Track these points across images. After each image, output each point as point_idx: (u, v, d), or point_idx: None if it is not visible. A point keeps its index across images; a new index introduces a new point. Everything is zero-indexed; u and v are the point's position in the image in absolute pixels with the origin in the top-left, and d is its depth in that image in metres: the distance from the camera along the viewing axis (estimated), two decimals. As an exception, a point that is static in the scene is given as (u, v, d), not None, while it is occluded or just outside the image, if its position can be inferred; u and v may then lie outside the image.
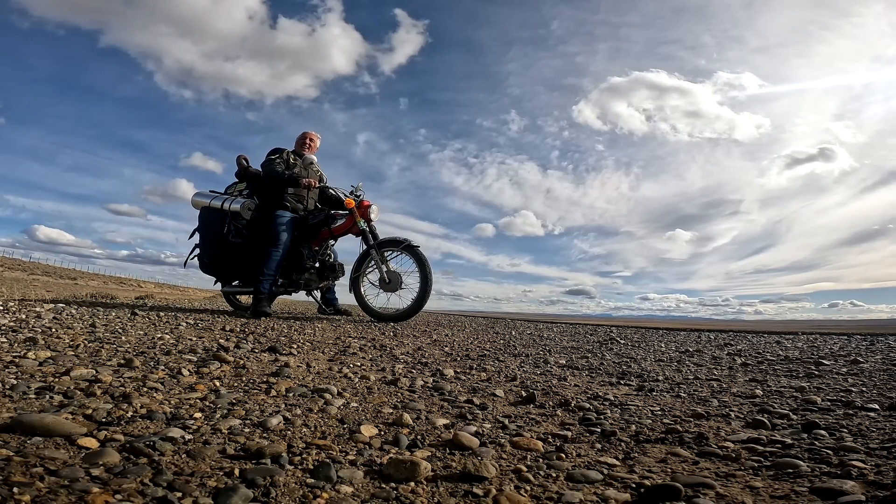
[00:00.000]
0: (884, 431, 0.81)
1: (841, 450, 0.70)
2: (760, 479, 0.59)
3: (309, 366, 1.28)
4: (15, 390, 0.75)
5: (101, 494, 0.42)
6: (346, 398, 0.93)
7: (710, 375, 1.53)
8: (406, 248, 3.64)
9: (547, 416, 0.90)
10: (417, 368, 1.40)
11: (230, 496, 0.44)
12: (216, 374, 1.05)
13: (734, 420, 0.91)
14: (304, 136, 4.05)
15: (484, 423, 0.82)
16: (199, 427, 0.65)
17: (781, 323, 19.42)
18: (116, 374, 0.94)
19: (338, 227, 3.84)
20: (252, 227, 3.69)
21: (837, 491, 0.53)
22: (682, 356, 2.14)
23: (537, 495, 0.52)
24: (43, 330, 1.60)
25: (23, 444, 0.53)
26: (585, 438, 0.76)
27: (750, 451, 0.71)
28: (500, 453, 0.66)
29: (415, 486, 0.52)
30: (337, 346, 1.82)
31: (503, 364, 1.62)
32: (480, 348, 2.14)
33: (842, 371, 1.64)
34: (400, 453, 0.62)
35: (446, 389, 1.08)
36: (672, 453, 0.69)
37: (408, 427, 0.75)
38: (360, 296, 3.80)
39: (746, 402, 1.09)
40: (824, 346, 2.88)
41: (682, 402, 1.09)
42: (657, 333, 4.19)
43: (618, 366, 1.72)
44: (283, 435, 0.66)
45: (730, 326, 6.74)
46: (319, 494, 0.48)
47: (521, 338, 3.02)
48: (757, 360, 2.02)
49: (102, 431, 0.60)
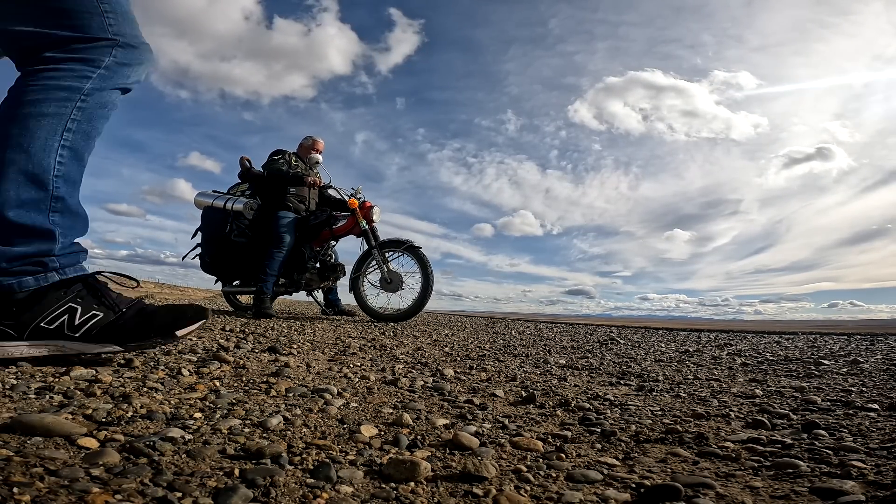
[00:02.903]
0: (884, 431, 0.81)
1: (841, 450, 0.70)
2: (760, 479, 0.59)
3: (309, 366, 1.28)
4: (15, 390, 0.75)
5: (101, 494, 0.42)
6: (346, 398, 0.93)
7: (710, 375, 1.53)
8: (408, 249, 3.66)
9: (547, 416, 0.90)
10: (417, 368, 1.40)
11: (230, 496, 0.44)
12: (216, 374, 1.05)
13: (734, 420, 0.91)
14: (309, 139, 4.10)
15: (484, 423, 0.82)
16: (199, 427, 0.65)
17: (781, 323, 19.43)
18: (116, 374, 0.94)
19: (339, 227, 3.85)
20: (254, 227, 3.71)
21: (837, 491, 0.53)
22: (682, 356, 2.14)
23: (537, 495, 0.52)
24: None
25: (23, 444, 0.53)
26: (585, 438, 0.76)
27: (750, 451, 0.71)
28: (500, 453, 0.66)
29: (415, 486, 0.52)
30: (337, 346, 1.82)
31: (503, 364, 1.62)
32: (480, 348, 2.14)
33: (842, 371, 1.64)
34: (400, 453, 0.62)
35: (446, 389, 1.08)
36: (672, 453, 0.69)
37: (408, 427, 0.75)
38: (360, 296, 3.81)
39: (746, 402, 1.09)
40: (824, 346, 2.88)
41: (682, 402, 1.09)
42: (657, 333, 4.19)
43: (618, 366, 1.72)
44: (283, 435, 0.66)
45: (730, 326, 6.74)
46: (319, 494, 0.48)
47: (521, 338, 3.02)
48: (757, 360, 2.02)
49: (102, 431, 0.60)
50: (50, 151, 0.96)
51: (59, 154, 0.97)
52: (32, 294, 0.95)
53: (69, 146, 0.99)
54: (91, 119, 1.02)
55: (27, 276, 0.95)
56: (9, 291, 0.93)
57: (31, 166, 0.94)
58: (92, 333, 0.98)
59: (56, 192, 0.97)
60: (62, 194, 0.98)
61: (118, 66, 1.06)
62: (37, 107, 0.96)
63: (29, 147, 0.94)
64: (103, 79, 1.04)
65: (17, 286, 0.94)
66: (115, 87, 1.06)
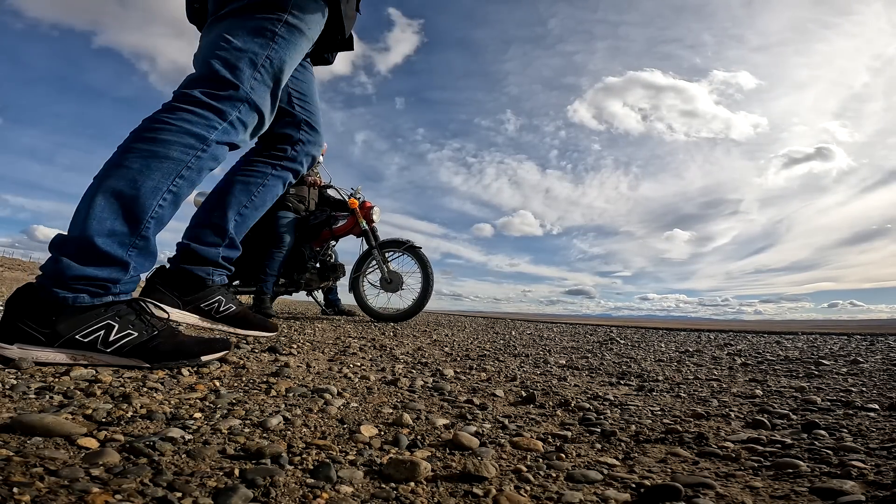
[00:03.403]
0: (884, 431, 0.81)
1: (841, 450, 0.70)
2: (760, 479, 0.59)
3: (309, 366, 1.28)
4: (15, 390, 0.75)
5: (101, 494, 0.42)
6: (346, 398, 0.93)
7: (709, 375, 1.53)
8: (408, 249, 3.66)
9: (547, 416, 0.90)
10: (417, 368, 1.40)
11: (230, 496, 0.44)
12: (216, 374, 1.05)
13: (734, 420, 0.91)
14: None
15: (484, 423, 0.82)
16: (199, 427, 0.65)
17: (781, 323, 19.43)
18: (116, 374, 0.94)
19: (339, 227, 3.85)
20: (254, 227, 3.71)
21: (837, 491, 0.53)
22: (682, 356, 2.14)
23: (537, 495, 0.52)
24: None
25: (23, 444, 0.53)
26: (585, 438, 0.76)
27: (750, 451, 0.71)
28: (500, 453, 0.66)
29: (415, 486, 0.52)
30: (337, 346, 1.82)
31: (503, 364, 1.62)
32: (480, 348, 2.14)
33: (842, 371, 1.64)
34: (400, 453, 0.62)
35: (446, 389, 1.08)
36: (672, 453, 0.69)
37: (408, 427, 0.75)
38: (359, 296, 3.81)
39: (746, 402, 1.09)
40: (824, 346, 2.88)
41: (682, 402, 1.09)
42: (657, 333, 4.19)
43: (618, 366, 1.72)
44: (283, 435, 0.66)
45: (730, 326, 6.74)
46: (319, 494, 0.48)
47: (520, 338, 3.02)
48: (757, 360, 2.02)
49: (102, 431, 0.60)
50: (157, 194, 1.03)
51: (163, 197, 1.05)
52: (76, 308, 0.97)
53: (175, 191, 1.07)
54: (201, 170, 1.11)
55: (85, 295, 0.98)
56: (60, 303, 0.96)
57: (134, 205, 1.01)
58: (123, 350, 1.00)
59: (144, 232, 1.04)
60: (148, 234, 1.05)
61: (239, 123, 1.15)
62: (164, 147, 1.04)
63: (140, 186, 1.01)
64: (225, 133, 1.12)
65: (72, 300, 0.96)
66: (229, 142, 1.16)
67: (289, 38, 1.19)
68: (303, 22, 1.21)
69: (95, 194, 0.99)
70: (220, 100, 1.10)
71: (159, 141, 1.03)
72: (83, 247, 0.97)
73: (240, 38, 1.13)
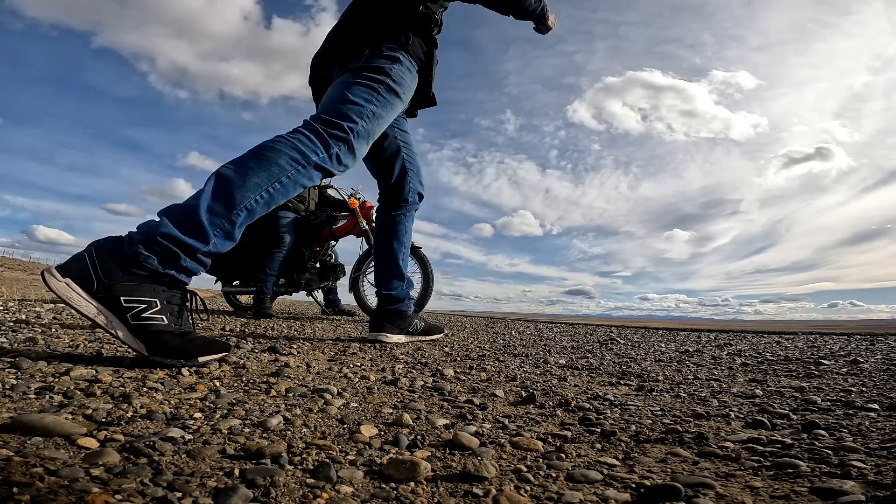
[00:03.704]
0: (884, 431, 0.81)
1: (841, 450, 0.70)
2: (760, 479, 0.59)
3: (309, 366, 1.28)
4: (15, 390, 0.75)
5: (101, 494, 0.42)
6: (346, 398, 0.93)
7: (709, 375, 1.53)
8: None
9: (547, 416, 0.90)
10: (417, 368, 1.40)
11: (230, 496, 0.44)
12: (216, 374, 1.05)
13: (734, 420, 0.91)
14: None
15: (484, 423, 0.82)
16: (199, 427, 0.65)
17: (781, 323, 19.43)
18: (116, 375, 0.94)
19: (339, 227, 3.85)
20: (254, 227, 3.71)
21: (837, 491, 0.53)
22: (682, 356, 2.14)
23: (537, 495, 0.52)
24: (43, 330, 1.61)
25: (23, 444, 0.53)
26: (585, 438, 0.76)
27: (750, 451, 0.71)
28: (500, 453, 0.66)
29: (415, 486, 0.52)
30: (337, 346, 1.82)
31: (503, 364, 1.62)
32: (480, 348, 2.14)
33: (842, 371, 1.64)
34: (400, 453, 0.62)
35: (446, 389, 1.08)
36: (672, 453, 0.69)
37: (408, 427, 0.75)
38: (359, 296, 3.81)
39: (746, 402, 1.09)
40: (824, 346, 2.88)
41: (682, 402, 1.09)
42: (657, 333, 4.19)
43: (618, 366, 1.72)
44: (283, 435, 0.66)
45: (730, 326, 6.74)
46: (319, 494, 0.48)
47: (520, 338, 3.02)
48: (757, 360, 2.02)
49: (102, 431, 0.60)
50: (257, 190, 1.20)
51: (260, 195, 1.21)
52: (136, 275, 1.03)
53: (270, 193, 1.23)
54: (295, 183, 1.28)
55: (156, 258, 1.05)
56: (132, 258, 1.02)
57: (236, 192, 1.17)
58: (142, 331, 1.02)
59: (234, 217, 1.17)
60: (237, 221, 1.18)
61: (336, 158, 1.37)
62: (276, 155, 1.24)
63: (248, 180, 1.19)
64: (324, 161, 1.34)
65: (144, 259, 1.03)
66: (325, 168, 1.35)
67: (388, 99, 1.51)
68: (400, 87, 1.54)
69: (213, 177, 1.18)
70: (329, 136, 1.35)
71: (275, 150, 1.25)
72: (187, 212, 1.10)
73: (354, 93, 1.45)
